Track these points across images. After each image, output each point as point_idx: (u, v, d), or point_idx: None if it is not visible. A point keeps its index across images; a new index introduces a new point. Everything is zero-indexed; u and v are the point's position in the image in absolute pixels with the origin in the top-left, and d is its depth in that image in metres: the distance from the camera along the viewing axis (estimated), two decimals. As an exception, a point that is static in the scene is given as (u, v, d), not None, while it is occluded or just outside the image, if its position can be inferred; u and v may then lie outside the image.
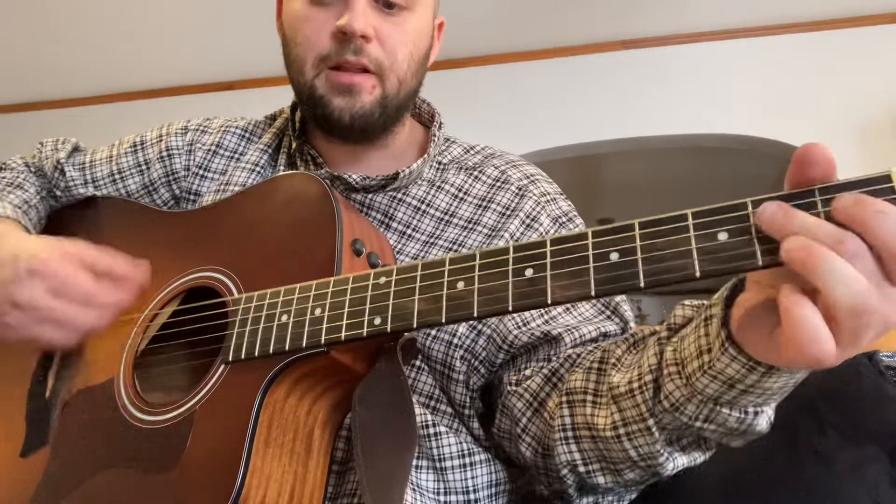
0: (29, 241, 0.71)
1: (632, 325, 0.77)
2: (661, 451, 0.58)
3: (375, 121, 0.81)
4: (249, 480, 0.55)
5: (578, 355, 0.69)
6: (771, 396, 0.51)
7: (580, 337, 0.72)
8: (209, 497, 0.55)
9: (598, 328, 0.73)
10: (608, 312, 0.77)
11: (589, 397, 0.63)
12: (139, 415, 0.65)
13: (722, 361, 0.49)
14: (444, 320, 0.52)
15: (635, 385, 0.58)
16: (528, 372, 0.72)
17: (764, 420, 0.53)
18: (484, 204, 0.83)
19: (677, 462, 0.59)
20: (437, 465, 0.71)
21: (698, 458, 0.60)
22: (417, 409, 0.71)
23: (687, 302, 0.58)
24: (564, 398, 0.65)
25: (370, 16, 0.78)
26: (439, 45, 0.92)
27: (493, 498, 0.72)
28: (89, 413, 0.69)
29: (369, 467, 0.54)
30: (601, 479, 0.63)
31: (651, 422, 0.56)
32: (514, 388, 0.71)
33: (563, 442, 0.64)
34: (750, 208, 0.43)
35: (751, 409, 0.52)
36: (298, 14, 0.80)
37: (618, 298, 0.78)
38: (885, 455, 0.71)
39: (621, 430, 0.59)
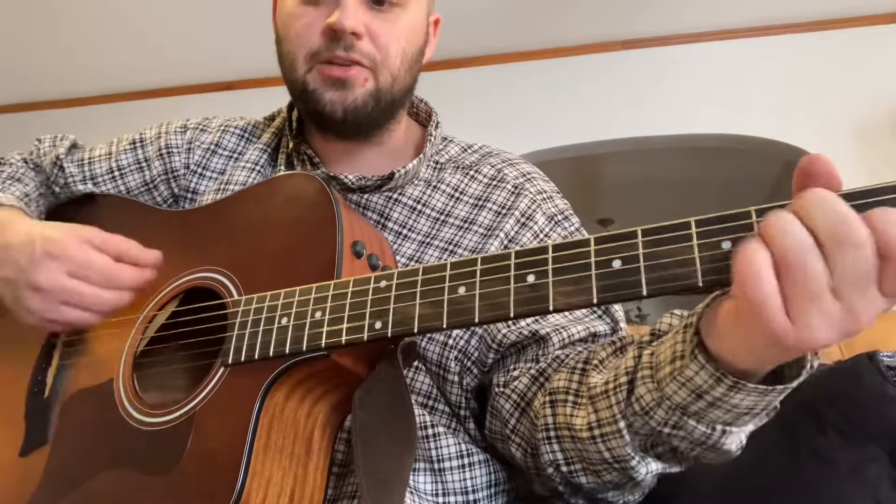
0: (41, 225, 0.73)
1: (622, 325, 0.77)
2: (632, 454, 0.57)
3: (368, 114, 0.81)
4: (250, 483, 0.55)
5: (567, 356, 0.69)
6: (740, 416, 0.50)
7: (568, 337, 0.72)
8: (209, 499, 0.55)
9: (588, 328, 0.73)
10: (599, 312, 0.77)
11: (570, 397, 0.63)
12: (139, 416, 0.65)
13: (691, 369, 0.49)
14: (445, 325, 0.51)
15: (610, 386, 0.58)
16: (515, 373, 0.72)
17: (733, 442, 0.53)
18: (480, 203, 0.82)
19: (651, 467, 0.58)
20: (436, 466, 0.71)
21: (675, 468, 0.60)
22: (416, 410, 0.71)
23: (677, 311, 0.58)
24: (548, 398, 0.65)
25: (361, 13, 0.78)
26: (435, 43, 0.92)
27: (493, 498, 0.72)
28: (88, 413, 0.69)
29: (369, 470, 0.54)
30: (583, 480, 0.63)
31: (622, 424, 0.56)
32: (501, 389, 0.71)
33: (546, 441, 0.64)
34: (754, 217, 0.43)
35: (718, 427, 0.51)
36: (290, 11, 0.81)
37: None
38: (885, 455, 0.71)
39: (596, 432, 0.58)
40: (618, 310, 0.78)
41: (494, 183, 0.84)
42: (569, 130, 3.00)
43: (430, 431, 0.71)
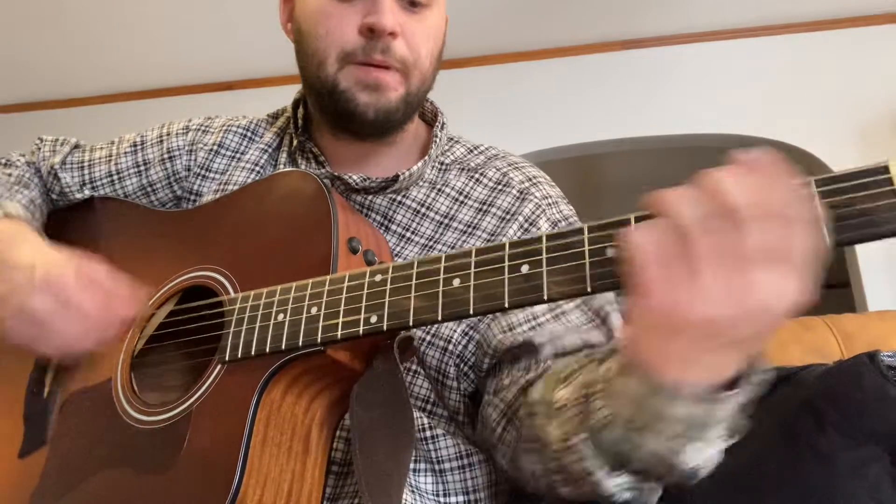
0: (46, 250, 0.73)
1: (617, 335, 0.76)
2: (591, 469, 0.56)
3: (398, 118, 0.81)
4: (247, 480, 0.55)
5: (553, 368, 0.68)
6: (690, 430, 0.48)
7: (562, 348, 0.71)
8: (207, 496, 0.55)
9: (582, 338, 0.72)
10: (597, 321, 0.75)
11: (543, 409, 0.62)
12: (136, 415, 0.65)
13: (633, 380, 0.48)
14: (440, 318, 0.52)
15: (572, 400, 0.57)
16: (506, 381, 0.71)
17: (693, 460, 0.50)
18: (484, 208, 0.82)
19: (618, 480, 0.56)
20: (436, 467, 0.70)
21: (646, 484, 0.57)
22: (415, 413, 0.71)
23: None
24: (527, 409, 0.65)
25: (397, 13, 0.78)
26: (444, 42, 0.91)
27: (494, 497, 0.72)
28: (87, 413, 0.69)
29: (367, 466, 0.54)
30: (563, 490, 0.62)
31: (581, 437, 0.55)
32: (491, 397, 0.71)
33: (525, 452, 0.64)
34: None
35: (670, 443, 0.49)
36: (320, 8, 0.79)
37: (608, 308, 0.75)
38: (885, 455, 0.71)
39: (562, 445, 0.58)
40: (616, 319, 0.77)
41: (500, 187, 0.84)
42: (569, 130, 3.00)
43: (429, 433, 0.71)
